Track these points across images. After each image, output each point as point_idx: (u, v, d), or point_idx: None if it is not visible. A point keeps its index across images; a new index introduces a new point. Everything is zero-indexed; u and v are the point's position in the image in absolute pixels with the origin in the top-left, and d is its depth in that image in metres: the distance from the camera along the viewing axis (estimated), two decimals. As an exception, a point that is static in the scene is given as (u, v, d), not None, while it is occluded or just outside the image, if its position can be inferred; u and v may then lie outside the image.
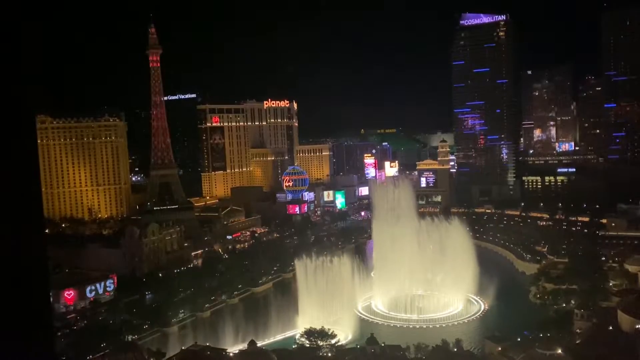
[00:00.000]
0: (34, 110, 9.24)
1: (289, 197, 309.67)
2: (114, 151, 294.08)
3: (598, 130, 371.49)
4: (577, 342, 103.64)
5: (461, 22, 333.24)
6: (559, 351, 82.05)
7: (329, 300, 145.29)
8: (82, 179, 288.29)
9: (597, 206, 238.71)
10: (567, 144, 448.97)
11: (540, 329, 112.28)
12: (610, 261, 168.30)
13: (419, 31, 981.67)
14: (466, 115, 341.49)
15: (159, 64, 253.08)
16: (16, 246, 8.33)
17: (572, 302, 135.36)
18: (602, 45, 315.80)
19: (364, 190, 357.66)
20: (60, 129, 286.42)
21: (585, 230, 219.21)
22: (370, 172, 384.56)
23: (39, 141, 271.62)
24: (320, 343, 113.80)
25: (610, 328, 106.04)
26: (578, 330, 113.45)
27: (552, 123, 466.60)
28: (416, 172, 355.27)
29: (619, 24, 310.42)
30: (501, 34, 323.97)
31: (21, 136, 8.56)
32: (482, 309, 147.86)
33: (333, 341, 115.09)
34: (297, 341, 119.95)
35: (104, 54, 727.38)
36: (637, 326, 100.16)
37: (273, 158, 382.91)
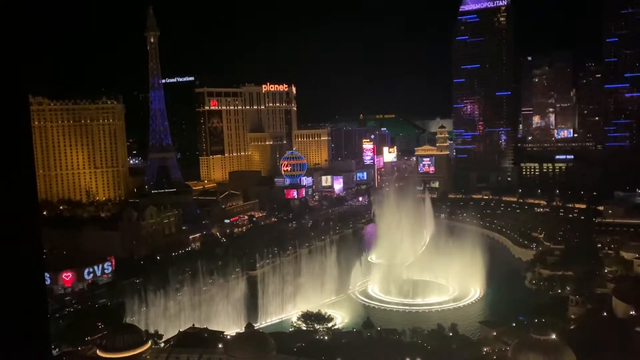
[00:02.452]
0: (28, 91, 9.15)
1: (287, 181, 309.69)
2: (111, 133, 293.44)
3: (597, 118, 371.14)
4: (572, 327, 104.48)
5: (462, 6, 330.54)
6: (554, 336, 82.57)
7: (326, 283, 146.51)
8: (79, 161, 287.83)
9: (595, 193, 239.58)
10: (565, 131, 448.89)
11: (536, 315, 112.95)
12: (606, 248, 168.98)
13: (420, 16, 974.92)
14: (465, 101, 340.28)
15: (157, 46, 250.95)
16: (10, 231, 8.26)
17: (568, 288, 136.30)
18: (603, 32, 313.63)
19: (362, 176, 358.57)
20: (57, 110, 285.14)
21: (582, 217, 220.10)
22: (369, 157, 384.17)
23: (36, 123, 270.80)
24: (317, 326, 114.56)
25: (605, 314, 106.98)
26: (573, 316, 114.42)
27: (551, 110, 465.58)
28: (414, 158, 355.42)
29: (621, 10, 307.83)
30: (502, 19, 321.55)
31: (14, 118, 8.45)
32: (478, 294, 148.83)
33: (329, 324, 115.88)
34: (294, 324, 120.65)
35: (102, 36, 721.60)
36: (631, 312, 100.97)
37: (271, 142, 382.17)
